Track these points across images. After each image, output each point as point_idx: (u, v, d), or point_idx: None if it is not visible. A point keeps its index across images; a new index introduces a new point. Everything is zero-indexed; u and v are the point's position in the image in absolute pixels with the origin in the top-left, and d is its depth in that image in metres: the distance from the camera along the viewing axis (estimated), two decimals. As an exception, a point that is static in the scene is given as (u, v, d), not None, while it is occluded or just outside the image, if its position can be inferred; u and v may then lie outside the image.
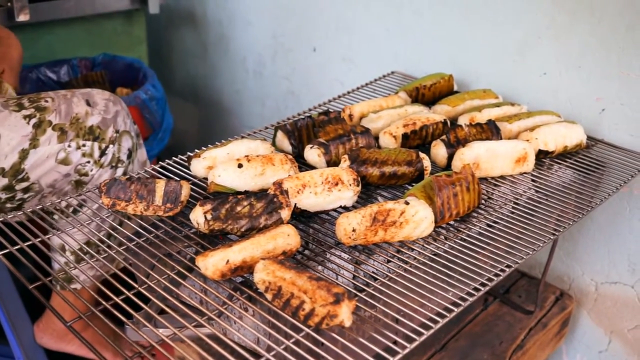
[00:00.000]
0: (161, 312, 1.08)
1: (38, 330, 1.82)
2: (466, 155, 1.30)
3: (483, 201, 1.26)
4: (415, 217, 1.10)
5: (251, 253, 1.00)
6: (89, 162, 1.51)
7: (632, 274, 1.63)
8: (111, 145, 1.55)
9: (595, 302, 1.73)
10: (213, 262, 0.98)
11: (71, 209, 1.38)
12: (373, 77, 1.89)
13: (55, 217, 1.35)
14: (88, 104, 1.54)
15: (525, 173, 1.36)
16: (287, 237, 1.02)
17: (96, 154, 1.52)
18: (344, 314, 0.87)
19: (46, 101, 1.48)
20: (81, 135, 1.49)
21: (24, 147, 1.42)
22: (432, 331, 0.92)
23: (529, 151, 1.34)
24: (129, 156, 1.60)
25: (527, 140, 1.38)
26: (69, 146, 1.48)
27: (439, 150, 1.35)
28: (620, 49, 1.48)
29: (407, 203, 1.10)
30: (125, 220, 1.18)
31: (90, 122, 1.51)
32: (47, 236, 1.13)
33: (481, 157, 1.31)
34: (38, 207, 1.23)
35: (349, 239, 1.07)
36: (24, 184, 1.43)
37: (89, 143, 1.50)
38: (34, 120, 1.44)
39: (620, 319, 1.69)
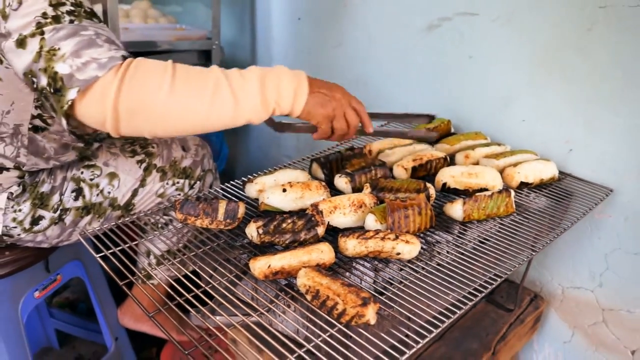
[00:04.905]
0: (219, 304, 1.08)
1: (120, 313, 1.81)
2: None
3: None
4: (403, 252, 1.06)
5: (289, 262, 0.98)
6: (179, 194, 1.53)
7: (592, 280, 1.58)
8: (198, 182, 1.57)
9: (562, 303, 1.68)
10: (259, 265, 0.98)
11: (160, 225, 1.39)
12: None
13: (148, 228, 1.36)
14: (183, 149, 1.55)
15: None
16: (320, 253, 1.01)
17: (186, 189, 1.54)
18: (370, 314, 0.85)
19: (153, 147, 1.50)
20: (177, 175, 1.51)
21: (135, 187, 1.43)
22: (439, 330, 0.90)
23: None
24: (210, 187, 1.63)
25: (510, 175, 1.36)
26: (167, 184, 1.50)
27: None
28: (586, 102, 1.45)
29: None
30: (197, 234, 1.18)
31: (184, 164, 1.53)
32: (134, 242, 1.13)
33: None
34: (128, 220, 1.23)
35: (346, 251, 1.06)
36: (130, 212, 1.45)
37: (181, 181, 1.52)
38: (144, 165, 1.45)
39: (582, 317, 1.64)
